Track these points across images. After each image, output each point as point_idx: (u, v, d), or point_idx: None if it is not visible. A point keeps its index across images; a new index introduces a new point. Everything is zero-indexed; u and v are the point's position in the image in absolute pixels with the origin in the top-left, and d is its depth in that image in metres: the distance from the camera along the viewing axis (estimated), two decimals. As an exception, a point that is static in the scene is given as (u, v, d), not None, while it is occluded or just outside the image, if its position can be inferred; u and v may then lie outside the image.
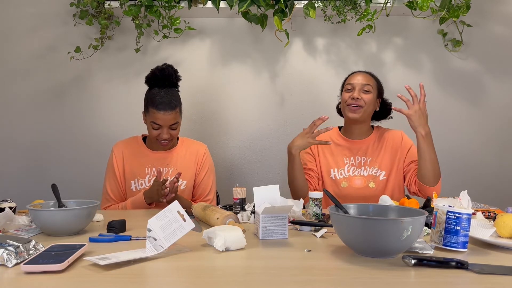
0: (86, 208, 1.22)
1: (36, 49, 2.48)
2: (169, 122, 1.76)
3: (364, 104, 1.75)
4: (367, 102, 1.75)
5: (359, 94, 1.74)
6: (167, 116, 1.75)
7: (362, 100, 1.74)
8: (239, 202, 1.58)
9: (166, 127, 1.77)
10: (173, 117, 1.76)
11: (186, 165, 1.87)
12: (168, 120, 1.76)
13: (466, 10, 2.25)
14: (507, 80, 2.51)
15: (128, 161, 1.85)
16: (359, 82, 1.76)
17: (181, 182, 1.84)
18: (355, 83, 1.77)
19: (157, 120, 1.76)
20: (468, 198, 1.10)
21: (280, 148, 2.53)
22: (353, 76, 1.82)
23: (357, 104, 1.74)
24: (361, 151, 1.83)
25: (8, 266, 0.93)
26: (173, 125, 1.79)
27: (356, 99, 1.73)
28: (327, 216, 1.44)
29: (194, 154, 1.91)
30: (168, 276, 0.90)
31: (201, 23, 2.49)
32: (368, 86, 1.76)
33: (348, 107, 1.77)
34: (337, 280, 0.87)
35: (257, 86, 2.52)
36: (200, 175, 1.90)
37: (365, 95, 1.75)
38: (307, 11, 2.26)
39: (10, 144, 2.50)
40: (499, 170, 2.52)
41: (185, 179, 1.86)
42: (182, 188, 1.85)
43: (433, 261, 0.94)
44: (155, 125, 1.77)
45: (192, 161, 1.89)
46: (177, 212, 1.10)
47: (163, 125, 1.76)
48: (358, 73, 1.83)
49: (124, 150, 1.87)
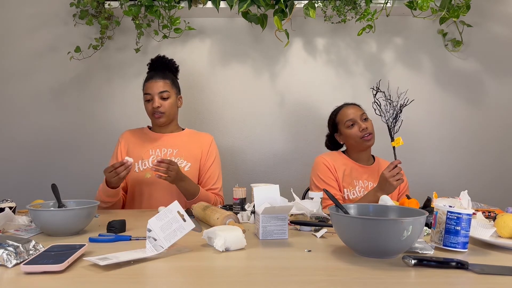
0: (86, 208, 1.22)
1: (36, 49, 2.48)
2: (157, 89, 1.82)
3: (372, 131, 1.90)
4: (371, 129, 1.90)
5: (364, 124, 1.88)
6: (156, 83, 1.82)
7: (368, 129, 1.88)
8: (239, 202, 1.58)
9: (155, 95, 1.82)
10: (161, 85, 1.83)
11: (190, 148, 1.89)
12: (157, 87, 1.82)
13: (466, 10, 2.25)
14: (507, 80, 2.51)
15: (132, 145, 1.89)
16: (357, 114, 1.90)
17: (185, 164, 1.85)
18: (354, 118, 1.90)
19: (147, 89, 1.84)
20: (468, 198, 1.10)
21: (280, 148, 2.53)
22: (345, 112, 1.93)
23: (368, 133, 1.88)
24: (369, 176, 1.92)
25: (8, 266, 0.93)
26: (163, 93, 1.83)
27: (365, 129, 1.87)
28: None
29: (199, 141, 1.93)
30: (168, 276, 0.90)
31: (201, 23, 2.49)
32: (365, 114, 1.92)
33: (363, 139, 1.88)
34: (337, 280, 0.87)
35: (257, 86, 2.52)
36: (208, 162, 1.91)
37: (367, 123, 1.90)
38: (307, 11, 2.26)
39: (10, 144, 2.50)
40: (499, 170, 2.52)
41: (190, 161, 1.86)
42: (186, 170, 1.84)
43: (433, 261, 0.94)
44: (147, 95, 1.84)
45: (197, 146, 1.91)
46: (177, 212, 1.10)
47: (152, 93, 1.82)
48: (347, 107, 1.95)
49: (130, 137, 1.92)
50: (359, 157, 1.95)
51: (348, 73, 2.51)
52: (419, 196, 1.85)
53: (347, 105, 1.98)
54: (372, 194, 1.70)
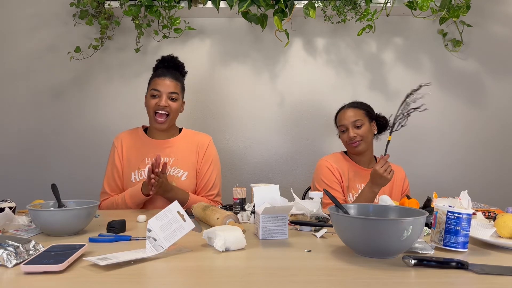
0: (85, 208, 1.22)
1: (36, 49, 2.48)
2: (168, 89, 1.76)
3: (361, 138, 1.87)
4: (363, 134, 1.87)
5: (353, 132, 1.87)
6: (167, 82, 1.76)
7: (358, 136, 1.87)
8: (239, 202, 1.58)
9: (165, 93, 1.76)
10: (173, 85, 1.77)
11: (187, 155, 1.83)
12: (168, 86, 1.76)
13: (466, 10, 2.25)
14: (507, 80, 2.51)
15: (129, 151, 1.82)
16: (349, 121, 1.89)
17: (181, 173, 1.80)
18: (346, 124, 1.90)
19: (156, 86, 1.76)
20: (468, 198, 1.10)
21: (280, 148, 2.53)
22: (341, 115, 1.93)
23: (356, 140, 1.87)
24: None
25: (8, 266, 0.93)
26: (172, 94, 1.77)
27: (353, 137, 1.87)
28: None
29: (196, 145, 1.86)
30: (168, 276, 0.90)
31: (201, 23, 2.49)
32: (358, 121, 1.88)
33: (350, 146, 1.90)
34: (337, 280, 0.87)
35: (257, 86, 2.52)
36: (203, 167, 1.84)
37: (358, 130, 1.88)
38: (307, 11, 2.26)
39: (10, 144, 2.50)
40: (499, 170, 2.52)
41: (186, 170, 1.81)
42: (183, 179, 1.79)
43: (433, 262, 0.94)
44: (155, 91, 1.76)
45: (194, 150, 1.84)
46: (177, 212, 1.10)
47: (162, 91, 1.76)
48: (345, 110, 1.93)
49: (124, 141, 1.85)
50: (360, 160, 1.94)
51: (348, 73, 2.51)
52: (419, 196, 1.85)
53: (347, 107, 1.94)
54: (368, 191, 1.71)
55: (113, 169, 1.82)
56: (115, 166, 1.82)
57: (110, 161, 1.85)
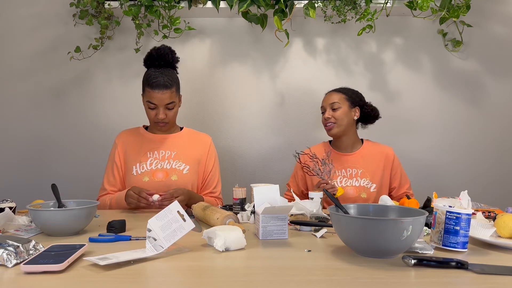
0: (85, 208, 1.22)
1: (36, 49, 2.48)
2: (164, 101, 1.76)
3: (335, 121, 1.91)
4: (338, 117, 1.91)
5: (329, 113, 1.93)
6: (162, 95, 1.75)
7: (332, 118, 1.92)
8: (239, 202, 1.58)
9: (162, 106, 1.77)
10: (168, 96, 1.76)
11: (189, 150, 1.85)
12: (163, 99, 1.75)
13: (466, 10, 2.25)
14: (507, 80, 2.51)
15: (130, 147, 1.84)
16: (327, 103, 1.95)
17: (183, 167, 1.81)
18: (324, 105, 1.96)
19: (152, 99, 1.76)
20: (468, 198, 1.10)
21: (280, 149, 2.53)
22: (324, 98, 2.00)
23: (329, 122, 1.92)
24: (352, 163, 1.94)
25: (8, 266, 0.93)
26: (169, 104, 1.78)
27: (327, 118, 1.93)
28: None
29: (199, 142, 1.90)
30: (168, 276, 0.90)
31: (201, 23, 2.49)
32: (335, 103, 1.92)
33: (325, 128, 1.96)
34: (337, 280, 0.87)
35: (257, 86, 2.52)
36: (208, 165, 1.88)
37: (334, 113, 1.92)
38: (307, 11, 2.26)
39: (10, 144, 2.50)
40: (499, 170, 2.52)
41: (188, 163, 1.83)
42: (185, 172, 1.80)
43: (433, 261, 0.94)
44: (151, 104, 1.77)
45: (196, 147, 1.87)
46: (177, 212, 1.10)
47: (158, 104, 1.76)
48: (327, 94, 2.00)
49: (125, 138, 1.87)
50: (340, 145, 1.97)
51: (348, 73, 2.51)
52: (419, 196, 1.86)
53: (332, 91, 1.99)
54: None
55: (113, 165, 1.84)
56: (115, 163, 1.84)
57: (111, 158, 1.87)
